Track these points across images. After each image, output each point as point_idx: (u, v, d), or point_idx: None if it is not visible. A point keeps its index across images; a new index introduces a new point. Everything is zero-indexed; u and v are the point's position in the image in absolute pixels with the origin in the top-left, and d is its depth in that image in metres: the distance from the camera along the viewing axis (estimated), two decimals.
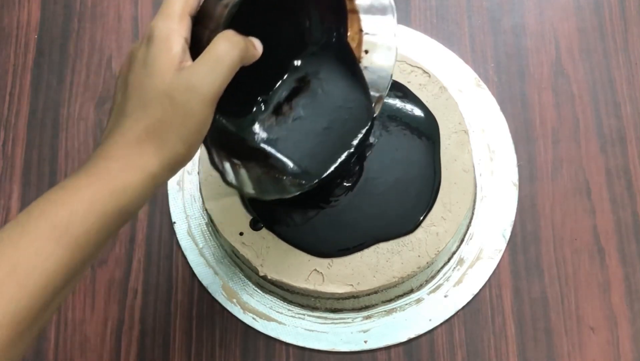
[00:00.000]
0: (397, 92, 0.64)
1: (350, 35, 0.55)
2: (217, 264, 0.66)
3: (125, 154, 0.42)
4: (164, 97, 0.42)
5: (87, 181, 0.41)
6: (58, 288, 0.39)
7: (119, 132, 0.43)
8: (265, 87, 0.54)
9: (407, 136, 0.63)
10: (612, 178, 0.67)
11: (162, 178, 0.43)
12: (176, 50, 0.42)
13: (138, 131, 0.42)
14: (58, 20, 0.75)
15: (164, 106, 0.42)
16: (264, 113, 0.54)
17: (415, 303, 0.64)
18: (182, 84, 0.42)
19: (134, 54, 0.44)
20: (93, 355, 0.64)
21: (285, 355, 0.63)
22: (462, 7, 0.73)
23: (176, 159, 0.43)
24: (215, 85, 0.42)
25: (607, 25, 0.72)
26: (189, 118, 0.42)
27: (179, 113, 0.42)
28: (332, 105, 0.55)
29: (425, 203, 0.61)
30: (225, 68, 0.43)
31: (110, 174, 0.41)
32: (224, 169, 0.48)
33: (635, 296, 0.63)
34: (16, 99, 0.72)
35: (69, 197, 0.40)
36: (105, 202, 0.41)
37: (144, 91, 0.43)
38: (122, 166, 0.42)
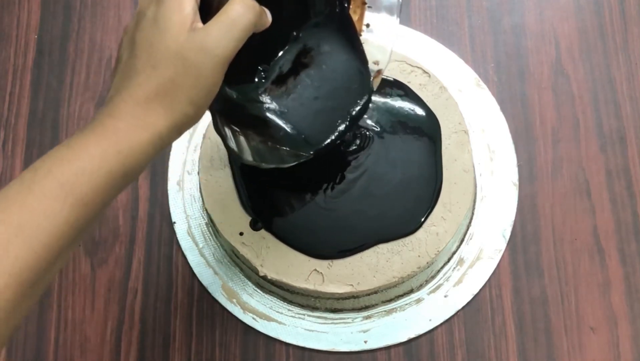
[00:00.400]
0: (398, 90, 0.64)
1: (353, 8, 0.55)
2: (217, 264, 0.66)
3: (133, 113, 0.41)
4: (176, 57, 0.41)
5: (95, 140, 0.41)
6: (63, 247, 0.39)
7: (126, 91, 0.42)
8: (268, 56, 0.54)
9: (409, 136, 0.63)
10: (612, 178, 0.67)
11: (168, 139, 0.43)
12: (188, 11, 0.42)
13: (148, 90, 0.42)
14: (58, 20, 0.75)
15: (176, 66, 0.42)
16: (265, 82, 0.54)
17: (415, 303, 0.64)
18: (196, 44, 0.41)
19: (142, 12, 0.43)
20: (93, 355, 0.64)
21: (285, 355, 0.63)
22: (462, 7, 0.73)
23: (184, 120, 0.43)
24: (229, 48, 0.42)
25: (607, 25, 0.72)
26: (201, 80, 0.42)
27: (191, 74, 0.42)
28: (332, 77, 0.55)
29: (427, 203, 0.61)
30: (239, 31, 0.42)
31: (118, 133, 0.41)
32: (226, 135, 0.49)
33: (635, 296, 0.63)
34: (16, 99, 0.72)
35: (76, 155, 0.40)
36: (112, 161, 0.40)
37: (155, 50, 0.42)
38: (131, 125, 0.41)
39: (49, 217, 0.38)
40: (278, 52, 0.55)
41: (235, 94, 0.52)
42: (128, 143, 0.41)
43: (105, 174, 0.40)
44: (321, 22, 0.55)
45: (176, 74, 0.42)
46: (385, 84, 0.64)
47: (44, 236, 0.38)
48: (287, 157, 0.53)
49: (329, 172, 0.62)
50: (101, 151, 0.40)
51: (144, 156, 0.42)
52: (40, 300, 0.65)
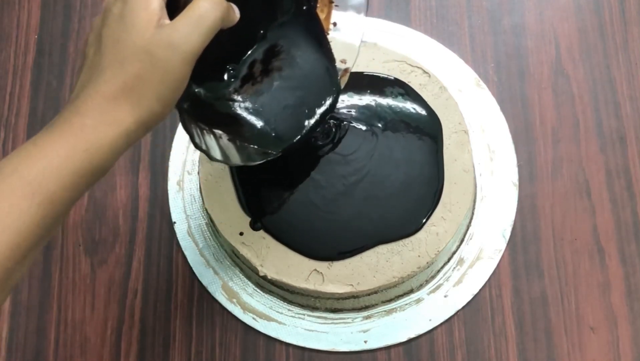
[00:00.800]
0: (399, 90, 0.64)
1: (320, 6, 0.55)
2: (217, 264, 0.66)
3: (100, 110, 0.41)
4: (143, 53, 0.41)
5: (61, 137, 0.41)
6: (31, 245, 0.39)
7: (93, 87, 0.42)
8: (236, 55, 0.55)
9: (410, 135, 0.63)
10: (612, 178, 0.67)
11: (135, 135, 0.43)
12: (154, 7, 0.42)
13: (114, 87, 0.41)
14: (58, 20, 0.75)
15: (143, 62, 0.41)
16: (234, 81, 0.54)
17: (415, 303, 0.64)
18: (163, 40, 0.41)
19: (108, 8, 0.43)
20: (93, 355, 0.64)
21: (285, 355, 0.63)
22: (462, 7, 0.73)
23: (151, 117, 0.43)
24: (196, 44, 0.42)
25: (607, 25, 0.72)
26: (168, 76, 0.42)
27: (158, 70, 0.42)
28: (300, 75, 0.55)
29: (429, 204, 0.61)
30: (207, 28, 0.43)
31: (85, 130, 0.41)
32: (193, 133, 0.49)
33: (635, 296, 0.63)
34: (16, 99, 0.72)
35: (42, 153, 0.40)
36: (79, 158, 0.40)
37: (121, 46, 0.42)
38: (97, 122, 0.41)
39: (16, 216, 0.38)
40: (247, 51, 0.55)
41: (204, 92, 0.52)
42: (95, 140, 0.41)
43: (72, 171, 0.40)
44: (288, 21, 0.55)
45: (143, 70, 0.42)
46: (386, 83, 0.64)
47: (11, 235, 0.38)
48: (254, 155, 0.53)
49: (329, 173, 0.62)
50: (68, 148, 0.40)
51: (111, 152, 0.42)
52: (41, 300, 0.65)
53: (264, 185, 0.62)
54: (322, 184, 0.61)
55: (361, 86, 0.64)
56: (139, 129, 0.43)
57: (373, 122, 0.63)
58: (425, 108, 0.64)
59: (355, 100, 0.64)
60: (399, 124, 0.63)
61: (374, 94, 0.64)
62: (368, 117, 0.63)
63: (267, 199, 0.61)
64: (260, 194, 0.62)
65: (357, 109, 0.63)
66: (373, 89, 0.64)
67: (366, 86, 0.64)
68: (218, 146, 0.51)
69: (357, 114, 0.63)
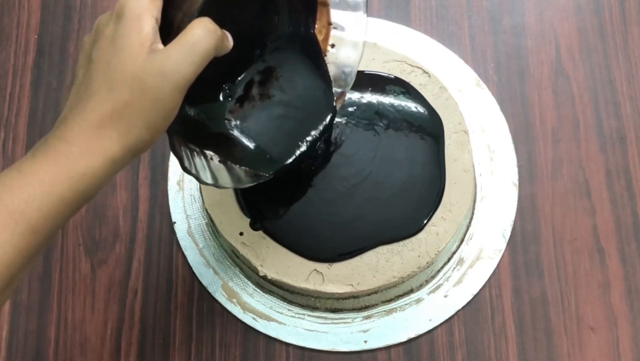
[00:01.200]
0: (401, 88, 0.64)
1: (318, 27, 0.55)
2: (217, 264, 0.66)
3: (86, 138, 0.40)
4: (134, 79, 0.40)
5: (45, 165, 0.40)
6: (13, 275, 0.39)
7: (80, 113, 0.41)
8: (231, 75, 0.54)
9: (412, 135, 0.63)
10: (612, 178, 0.67)
11: (122, 163, 0.42)
12: (147, 31, 0.41)
13: (102, 113, 0.40)
14: (58, 20, 0.75)
15: (133, 89, 0.40)
16: (230, 101, 0.54)
17: (415, 303, 0.64)
18: (155, 67, 0.40)
19: (100, 29, 0.42)
20: (93, 355, 0.64)
21: (285, 355, 0.63)
22: (462, 7, 0.73)
23: (139, 145, 0.42)
24: (188, 72, 0.41)
25: (607, 25, 0.72)
26: (158, 104, 0.41)
27: (148, 98, 0.40)
28: (295, 98, 0.55)
29: (430, 206, 0.60)
30: (200, 56, 0.41)
31: (70, 158, 0.40)
32: (183, 155, 0.48)
33: (635, 296, 0.63)
34: (16, 99, 0.72)
35: (26, 181, 0.39)
36: (63, 187, 0.39)
37: (111, 71, 0.40)
38: (83, 150, 0.40)
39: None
40: (243, 71, 0.54)
41: (197, 113, 0.51)
42: (80, 168, 0.40)
43: (55, 200, 0.39)
44: (286, 42, 0.54)
45: (132, 97, 0.40)
46: (387, 81, 0.64)
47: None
48: (245, 178, 0.52)
49: (331, 174, 0.62)
50: (52, 176, 0.39)
51: (96, 181, 0.41)
52: (41, 300, 0.65)
53: (263, 187, 0.62)
54: (323, 185, 0.61)
55: (362, 84, 0.63)
56: (126, 157, 0.42)
57: (375, 121, 0.63)
58: (427, 107, 0.64)
59: (356, 98, 0.64)
60: (401, 123, 0.63)
61: (375, 92, 0.64)
62: (369, 115, 0.63)
63: (266, 201, 0.61)
64: (259, 196, 0.62)
65: (359, 107, 0.63)
66: (374, 87, 0.64)
67: (367, 84, 0.64)
68: (208, 168, 0.50)
69: (359, 112, 0.63)
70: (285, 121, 0.54)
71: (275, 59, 0.54)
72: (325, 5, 0.54)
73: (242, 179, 0.52)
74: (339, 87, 0.56)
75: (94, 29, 0.43)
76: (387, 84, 0.64)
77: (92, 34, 0.43)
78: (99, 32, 0.42)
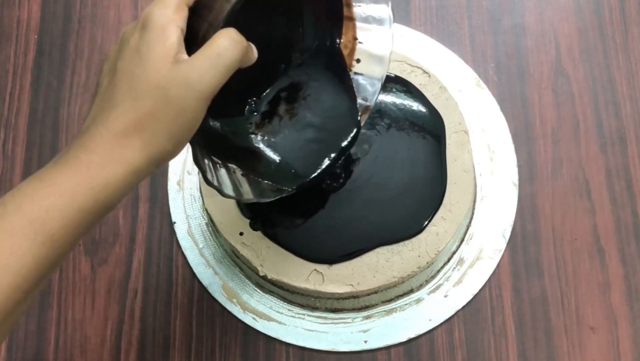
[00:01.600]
0: (402, 87, 0.64)
1: (344, 42, 0.55)
2: (217, 264, 0.66)
3: (109, 148, 0.40)
4: (158, 89, 0.40)
5: (67, 174, 0.39)
6: (32, 285, 0.38)
7: (103, 123, 0.40)
8: (257, 90, 0.54)
9: (413, 135, 0.63)
10: (612, 178, 0.67)
11: (145, 174, 0.41)
12: (172, 41, 0.40)
13: (125, 123, 0.40)
14: (58, 20, 0.75)
15: (157, 99, 0.40)
16: (253, 116, 0.54)
17: (415, 303, 0.64)
18: (179, 78, 0.40)
19: (126, 39, 0.42)
20: (93, 355, 0.64)
21: (285, 355, 0.63)
22: (462, 7, 0.73)
23: (162, 156, 0.41)
24: (213, 83, 0.41)
25: (607, 25, 0.72)
26: (182, 114, 0.40)
27: (172, 108, 0.40)
28: (320, 112, 0.55)
29: (432, 207, 0.60)
30: (225, 66, 0.41)
31: (92, 168, 0.39)
32: (206, 168, 0.48)
33: (635, 296, 0.63)
34: (16, 99, 0.72)
35: (47, 191, 0.39)
36: (85, 197, 0.39)
37: (135, 81, 0.40)
38: (105, 160, 0.40)
39: (17, 256, 0.37)
40: (268, 86, 0.54)
41: (222, 126, 0.51)
42: (102, 179, 0.40)
43: (76, 210, 0.39)
44: (311, 56, 0.54)
45: (156, 107, 0.40)
46: (387, 79, 0.64)
47: (12, 275, 0.37)
48: (268, 192, 0.52)
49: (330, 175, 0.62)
50: (73, 186, 0.39)
51: (118, 191, 0.40)
52: (41, 300, 0.65)
53: None
54: (324, 187, 0.61)
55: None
56: (148, 167, 0.41)
57: (376, 120, 0.63)
58: (428, 106, 0.64)
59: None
60: (403, 122, 0.63)
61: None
62: (372, 114, 0.63)
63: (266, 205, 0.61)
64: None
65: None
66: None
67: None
68: (230, 181, 0.49)
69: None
70: (310, 137, 0.54)
71: (300, 73, 0.55)
72: (351, 19, 0.54)
73: (264, 193, 0.52)
74: (364, 101, 0.55)
75: (120, 39, 0.43)
76: (388, 82, 0.64)
77: (117, 43, 0.43)
78: (124, 42, 0.42)
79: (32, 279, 0.38)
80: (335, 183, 0.61)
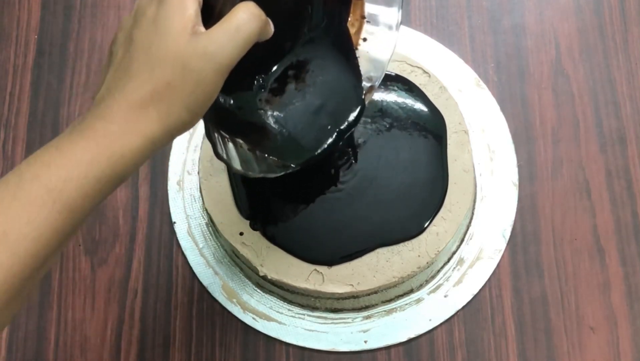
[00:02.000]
0: (403, 85, 0.64)
1: (351, 20, 0.55)
2: (217, 264, 0.66)
3: (126, 118, 0.40)
4: (177, 60, 0.40)
5: (84, 144, 0.39)
6: (49, 254, 0.38)
7: (120, 93, 0.40)
8: (265, 66, 0.54)
9: (416, 134, 0.63)
10: (612, 178, 0.67)
11: (161, 144, 0.41)
12: (190, 13, 0.40)
13: (143, 94, 0.40)
14: (58, 20, 0.75)
15: (175, 71, 0.40)
16: (261, 92, 0.54)
17: (415, 303, 0.64)
18: (199, 50, 0.40)
19: (142, 10, 0.42)
20: (93, 355, 0.64)
21: (285, 355, 0.63)
22: (462, 7, 0.73)
23: (179, 126, 0.41)
24: (232, 55, 0.41)
25: (607, 25, 0.72)
26: (199, 86, 0.40)
27: (190, 80, 0.40)
28: (326, 90, 0.55)
29: (433, 208, 0.60)
30: (243, 40, 0.41)
31: (109, 137, 0.39)
32: (215, 142, 0.48)
33: (635, 296, 0.63)
34: (16, 99, 0.72)
35: (65, 160, 0.39)
36: (102, 167, 0.39)
37: (153, 52, 0.40)
38: (123, 130, 0.40)
39: (35, 224, 0.37)
40: (276, 62, 0.54)
41: (230, 100, 0.52)
42: (119, 149, 0.40)
43: (93, 179, 0.39)
44: (319, 34, 0.55)
45: (174, 78, 0.40)
46: (388, 78, 0.64)
47: (29, 243, 0.37)
48: (273, 167, 0.52)
49: (330, 176, 0.62)
50: (90, 156, 0.39)
51: (135, 161, 0.40)
52: (40, 300, 0.65)
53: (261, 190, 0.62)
54: (324, 188, 0.61)
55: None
56: (164, 138, 0.41)
57: (377, 120, 0.63)
58: (429, 105, 0.64)
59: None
60: (405, 121, 0.63)
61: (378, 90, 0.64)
62: (372, 113, 0.63)
63: (265, 204, 0.61)
64: (257, 199, 0.61)
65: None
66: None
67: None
68: (238, 156, 0.50)
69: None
70: (315, 113, 0.54)
71: (308, 51, 0.54)
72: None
73: (271, 168, 0.52)
74: (369, 81, 0.55)
75: (135, 10, 0.43)
76: (389, 80, 0.64)
77: (132, 14, 0.43)
78: (140, 13, 0.42)
79: (49, 248, 0.38)
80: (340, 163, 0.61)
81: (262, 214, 0.61)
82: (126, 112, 0.40)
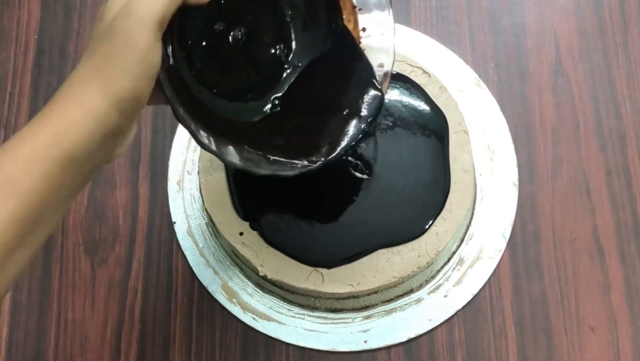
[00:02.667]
0: (404, 83, 0.64)
1: (346, 16, 0.55)
2: (217, 264, 0.66)
3: (69, 93, 0.41)
4: (107, 29, 0.41)
5: (36, 127, 0.40)
6: (10, 247, 0.38)
7: (69, 76, 0.42)
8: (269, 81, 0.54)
9: (418, 134, 0.63)
10: (612, 178, 0.67)
11: (109, 118, 0.41)
12: None
13: (82, 71, 0.41)
14: (58, 20, 0.75)
15: (107, 39, 0.40)
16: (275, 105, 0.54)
17: (415, 303, 0.64)
18: (122, 10, 0.40)
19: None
20: (93, 355, 0.64)
21: (285, 355, 0.63)
22: (462, 7, 0.73)
23: (122, 94, 0.41)
24: (154, 9, 0.40)
25: (607, 25, 0.72)
26: (129, 47, 0.40)
27: (118, 42, 0.40)
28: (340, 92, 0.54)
29: (435, 210, 0.60)
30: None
31: (52, 114, 0.40)
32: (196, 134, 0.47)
33: (635, 296, 0.63)
34: (16, 99, 0.72)
35: (18, 146, 0.39)
36: (47, 145, 0.39)
37: (96, 30, 0.42)
38: (64, 106, 0.40)
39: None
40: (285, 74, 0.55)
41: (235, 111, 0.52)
42: (62, 125, 0.40)
43: (41, 160, 0.39)
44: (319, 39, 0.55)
45: (108, 47, 0.40)
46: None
47: None
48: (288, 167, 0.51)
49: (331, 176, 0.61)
50: (37, 136, 0.39)
51: (82, 137, 0.40)
52: (40, 300, 0.65)
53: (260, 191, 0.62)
54: (325, 190, 0.61)
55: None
56: (111, 110, 0.41)
57: (380, 119, 0.62)
58: (431, 105, 0.64)
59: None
60: (407, 120, 0.63)
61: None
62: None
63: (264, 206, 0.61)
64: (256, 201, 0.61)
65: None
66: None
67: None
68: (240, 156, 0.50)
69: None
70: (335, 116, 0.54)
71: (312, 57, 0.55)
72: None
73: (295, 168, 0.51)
74: (382, 69, 0.54)
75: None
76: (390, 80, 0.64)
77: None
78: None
79: (9, 238, 0.38)
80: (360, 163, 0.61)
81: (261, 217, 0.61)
82: (70, 88, 0.41)
